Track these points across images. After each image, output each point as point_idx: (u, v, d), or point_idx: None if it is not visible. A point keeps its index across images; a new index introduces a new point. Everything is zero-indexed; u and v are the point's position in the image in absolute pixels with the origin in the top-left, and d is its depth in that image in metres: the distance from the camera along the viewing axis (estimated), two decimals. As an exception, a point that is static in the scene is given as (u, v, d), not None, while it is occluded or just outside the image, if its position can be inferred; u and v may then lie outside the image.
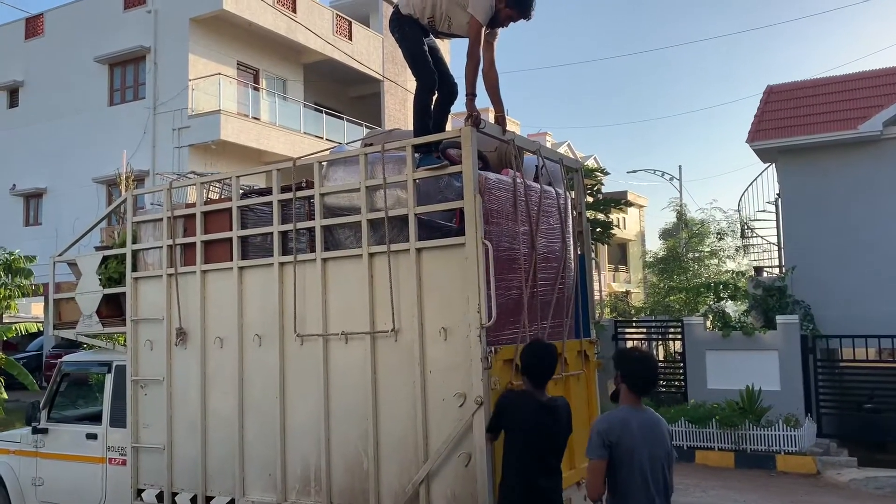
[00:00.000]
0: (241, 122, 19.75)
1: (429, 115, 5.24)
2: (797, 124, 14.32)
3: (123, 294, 6.34)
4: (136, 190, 6.90)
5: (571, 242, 5.75)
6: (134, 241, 6.27)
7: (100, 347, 7.05)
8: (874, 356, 12.83)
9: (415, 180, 4.88)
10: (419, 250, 4.84)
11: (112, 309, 6.52)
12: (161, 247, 6.05)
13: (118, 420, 6.34)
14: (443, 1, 5.18)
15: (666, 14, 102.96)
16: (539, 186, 5.41)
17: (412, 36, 5.31)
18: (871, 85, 14.36)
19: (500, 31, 5.35)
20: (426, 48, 5.33)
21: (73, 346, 11.53)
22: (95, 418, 6.66)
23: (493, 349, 4.57)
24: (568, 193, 5.91)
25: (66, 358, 7.26)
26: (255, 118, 20.53)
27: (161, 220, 6.08)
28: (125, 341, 6.39)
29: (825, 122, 14.01)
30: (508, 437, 4.39)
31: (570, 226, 5.79)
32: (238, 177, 5.89)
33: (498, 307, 4.58)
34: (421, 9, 5.25)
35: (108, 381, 6.55)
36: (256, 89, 21.45)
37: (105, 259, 6.60)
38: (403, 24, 5.34)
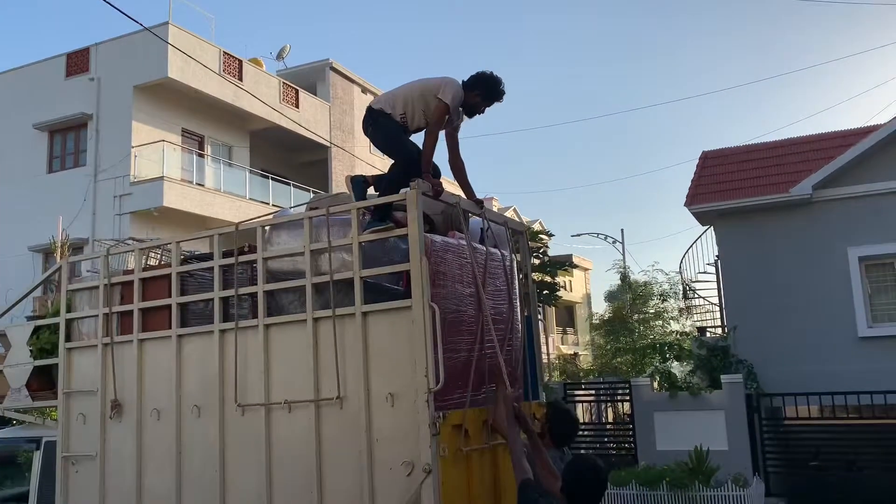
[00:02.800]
0: (185, 188, 19.55)
1: (398, 189, 5.17)
2: (732, 188, 14.80)
3: (55, 366, 6.08)
4: (71, 257, 6.71)
5: (518, 304, 5.75)
6: (68, 311, 6.04)
7: (29, 423, 6.71)
8: (817, 414, 13.03)
9: (360, 243, 4.85)
10: (365, 314, 4.77)
11: (43, 382, 6.23)
12: (97, 315, 5.85)
13: (47, 500, 5.99)
14: (414, 97, 5.27)
15: (610, 80, 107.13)
16: (485, 248, 5.43)
17: (386, 123, 5.31)
18: (800, 150, 15.00)
19: (462, 122, 5.53)
20: (402, 132, 5.33)
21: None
22: (22, 499, 6.28)
23: (441, 415, 4.48)
24: (514, 256, 5.94)
25: (-10, 435, 6.88)
26: (200, 184, 20.35)
27: (97, 287, 5.89)
28: (57, 416, 6.09)
29: (758, 185, 14.51)
30: None
31: (517, 288, 5.80)
32: (178, 242, 5.76)
33: (445, 371, 4.52)
34: (391, 105, 5.32)
35: (37, 458, 6.23)
36: (201, 156, 21.33)
37: (37, 329, 6.34)
38: (377, 117, 5.35)
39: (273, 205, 22.06)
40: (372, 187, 5.20)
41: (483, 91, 5.33)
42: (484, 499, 4.89)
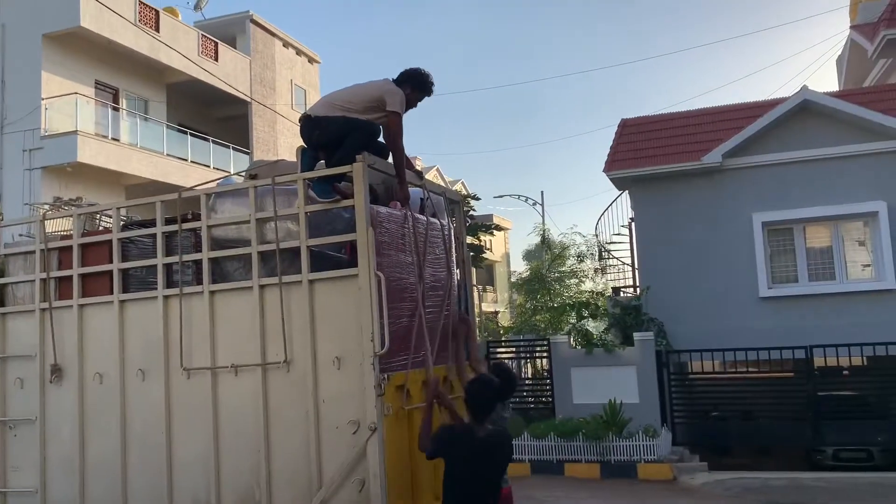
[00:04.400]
0: (100, 143, 18.85)
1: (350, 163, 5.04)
2: (648, 155, 15.45)
3: (-12, 331, 6.01)
4: (3, 222, 6.58)
5: (455, 271, 6.04)
6: (1, 275, 5.97)
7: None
8: (719, 368, 14.00)
9: (306, 213, 5.00)
10: (312, 282, 4.95)
11: (-25, 346, 6.14)
12: (33, 280, 5.81)
13: (-18, 464, 5.97)
14: (353, 102, 5.28)
15: (531, 49, 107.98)
16: (425, 218, 5.67)
17: (330, 119, 5.25)
18: (712, 120, 15.74)
19: None
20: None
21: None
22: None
23: (385, 376, 4.75)
24: (451, 224, 6.21)
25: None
26: (115, 139, 19.63)
27: (33, 252, 5.84)
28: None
29: (673, 153, 15.20)
30: (448, 470, 4.51)
31: (454, 255, 6.09)
32: (119, 208, 5.77)
33: (390, 335, 4.78)
34: (331, 112, 5.29)
35: (-30, 423, 6.15)
36: (116, 109, 20.55)
37: (-33, 294, 6.22)
38: (318, 122, 5.30)
39: (191, 161, 21.58)
40: (323, 161, 5.31)
41: (413, 86, 5.44)
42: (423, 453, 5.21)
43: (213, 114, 25.03)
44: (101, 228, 6.25)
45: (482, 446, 4.46)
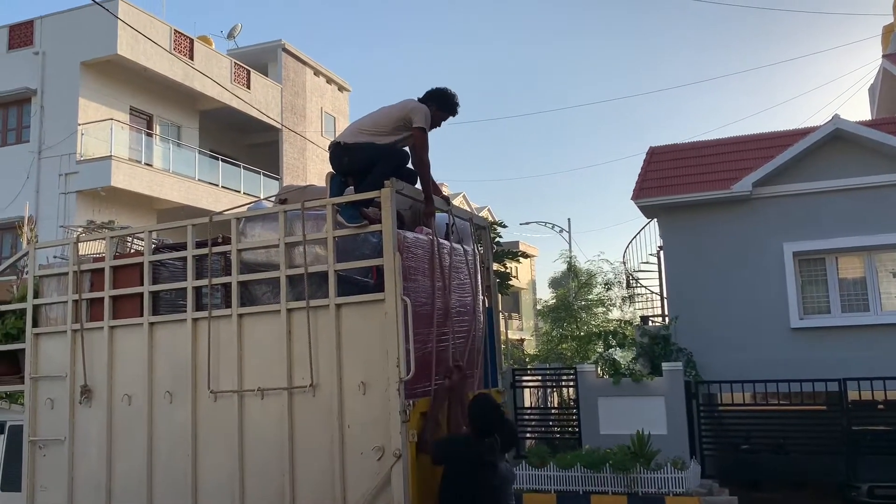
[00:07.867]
0: (133, 168, 19.23)
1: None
2: (677, 183, 15.33)
3: (21, 351, 6.11)
4: (38, 244, 6.70)
5: (481, 297, 6.03)
6: (35, 296, 6.07)
7: (-7, 407, 6.71)
8: (750, 400, 13.73)
9: (334, 238, 5.03)
10: (339, 306, 4.97)
11: (8, 366, 6.25)
12: (65, 301, 5.90)
13: (12, 483, 6.05)
14: (380, 125, 5.35)
15: (557, 78, 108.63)
16: (450, 244, 5.68)
17: (360, 146, 5.31)
18: (742, 149, 15.61)
19: None
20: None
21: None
22: (-16, 482, 6.30)
23: (411, 402, 4.73)
24: (476, 250, 6.21)
25: (-49, 419, 6.84)
26: (148, 164, 20.02)
27: (66, 274, 5.94)
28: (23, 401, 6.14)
29: (702, 181, 15.06)
30: (447, 481, 4.82)
31: (479, 281, 6.08)
32: (150, 231, 5.86)
33: (415, 361, 4.77)
34: (358, 137, 5.38)
35: (1, 442, 6.25)
36: (150, 135, 20.97)
37: (2, 314, 6.34)
38: (348, 148, 5.37)
39: (223, 186, 21.91)
40: (352, 187, 5.35)
41: (438, 105, 5.52)
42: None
43: (244, 140, 25.44)
44: (132, 251, 6.35)
45: (482, 459, 4.72)
